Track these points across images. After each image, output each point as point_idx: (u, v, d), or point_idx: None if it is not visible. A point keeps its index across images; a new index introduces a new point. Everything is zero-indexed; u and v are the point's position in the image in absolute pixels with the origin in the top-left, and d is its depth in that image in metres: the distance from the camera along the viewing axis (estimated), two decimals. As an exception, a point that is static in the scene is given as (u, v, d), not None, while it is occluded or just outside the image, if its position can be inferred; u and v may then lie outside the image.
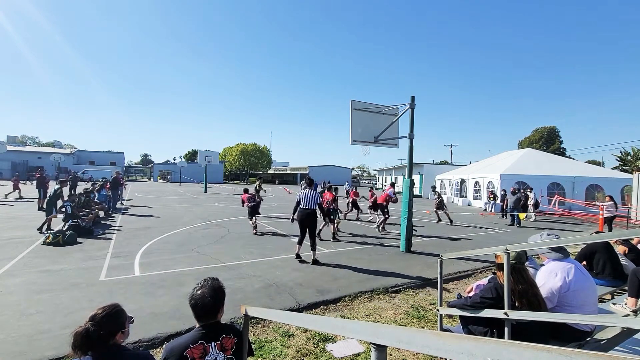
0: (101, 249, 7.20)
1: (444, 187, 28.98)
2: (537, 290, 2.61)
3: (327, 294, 4.99)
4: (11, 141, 57.05)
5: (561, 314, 2.57)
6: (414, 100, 7.87)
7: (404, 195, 8.05)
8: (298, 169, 73.76)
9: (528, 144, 53.17)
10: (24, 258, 6.33)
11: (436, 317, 4.08)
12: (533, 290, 2.57)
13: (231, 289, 4.90)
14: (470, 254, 3.28)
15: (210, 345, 1.76)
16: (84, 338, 1.55)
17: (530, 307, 2.46)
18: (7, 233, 8.57)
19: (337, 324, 1.27)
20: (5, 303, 4.24)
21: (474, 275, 6.39)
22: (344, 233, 10.20)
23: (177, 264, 6.28)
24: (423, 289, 5.51)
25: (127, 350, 1.70)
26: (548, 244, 2.60)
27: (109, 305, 1.72)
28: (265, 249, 7.70)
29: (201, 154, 30.58)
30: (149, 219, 11.91)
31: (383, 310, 4.59)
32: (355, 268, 6.42)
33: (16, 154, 48.54)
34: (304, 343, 3.57)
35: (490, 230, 12.19)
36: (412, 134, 7.92)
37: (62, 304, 4.29)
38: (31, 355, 3.13)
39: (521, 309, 2.45)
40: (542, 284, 2.78)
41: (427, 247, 8.55)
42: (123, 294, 4.63)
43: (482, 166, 25.52)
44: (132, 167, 79.20)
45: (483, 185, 22.03)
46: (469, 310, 2.82)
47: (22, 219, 11.00)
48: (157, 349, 3.39)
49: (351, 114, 8.34)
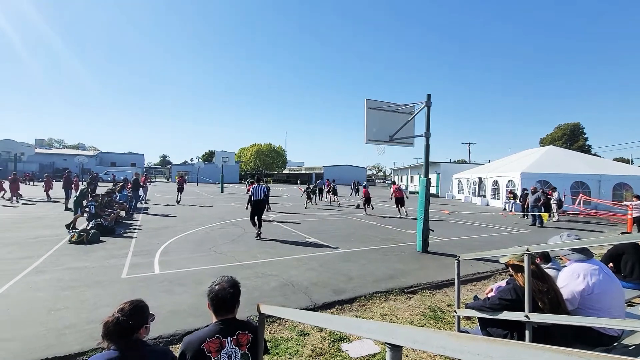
0: (123, 248, 7.45)
1: (461, 186, 28.39)
2: (558, 292, 2.53)
3: (342, 294, 4.98)
4: (39, 144, 59.76)
5: (585, 317, 2.47)
6: (430, 99, 7.76)
7: (420, 195, 7.94)
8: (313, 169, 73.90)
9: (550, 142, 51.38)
10: (51, 256, 6.62)
11: (454, 319, 4.01)
12: (554, 292, 2.48)
13: (247, 287, 4.97)
14: (489, 254, 3.21)
15: (226, 339, 1.80)
16: (114, 326, 1.64)
17: (551, 310, 2.38)
18: (36, 232, 8.99)
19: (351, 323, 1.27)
20: (34, 298, 4.45)
21: (493, 277, 6.23)
22: (357, 233, 10.16)
23: (195, 262, 6.42)
24: (440, 290, 5.41)
25: (148, 346, 1.76)
26: (572, 244, 2.51)
27: (135, 300, 1.80)
28: (280, 249, 7.77)
29: (218, 155, 31.10)
30: (168, 219, 12.23)
31: (399, 311, 4.54)
32: (370, 268, 6.38)
33: (44, 156, 50.86)
34: (320, 342, 3.58)
35: (511, 230, 11.86)
36: (428, 132, 7.80)
37: (87, 300, 4.46)
38: (59, 349, 3.27)
39: (542, 311, 2.37)
40: (564, 286, 2.69)
41: (444, 247, 8.40)
42: (144, 291, 4.77)
43: (502, 165, 24.85)
44: (152, 168, 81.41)
45: (502, 184, 21.46)
46: (487, 312, 2.75)
47: (49, 218, 11.51)
48: (176, 345, 3.47)
49: (366, 113, 8.30)
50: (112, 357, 1.59)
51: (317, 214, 14.84)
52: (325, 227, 11.23)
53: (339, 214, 15.06)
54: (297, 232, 9.96)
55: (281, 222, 12.11)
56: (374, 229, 11.07)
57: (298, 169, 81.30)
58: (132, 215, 12.73)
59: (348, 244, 8.45)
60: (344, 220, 13.00)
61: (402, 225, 12.13)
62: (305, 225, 11.40)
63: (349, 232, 10.20)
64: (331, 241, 8.71)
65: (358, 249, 7.95)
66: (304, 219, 13.04)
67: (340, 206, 19.04)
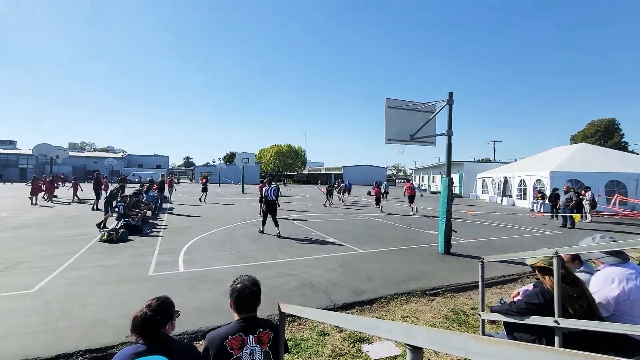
0: (149, 246, 7.74)
1: (485, 186, 27.49)
2: (591, 298, 2.40)
3: (362, 295, 4.95)
4: (72, 147, 63.23)
5: (622, 324, 2.33)
6: (451, 96, 7.57)
7: (442, 195, 7.75)
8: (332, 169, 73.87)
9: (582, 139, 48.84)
10: (83, 253, 6.97)
11: (478, 323, 3.89)
12: (586, 297, 2.36)
13: (268, 287, 5.03)
14: (515, 256, 3.10)
15: (248, 337, 1.83)
16: (143, 321, 1.70)
17: (582, 315, 2.26)
18: (70, 231, 9.51)
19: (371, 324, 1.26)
20: (69, 293, 4.71)
21: (520, 280, 6.00)
22: (377, 234, 10.05)
23: (217, 261, 6.57)
24: (464, 293, 5.27)
25: (174, 341, 1.81)
26: (606, 247, 2.37)
27: (161, 296, 1.86)
28: (300, 249, 7.81)
29: (238, 156, 31.68)
30: (191, 219, 12.59)
31: (421, 313, 4.46)
32: (391, 269, 6.31)
33: (76, 159, 53.87)
34: (340, 343, 3.57)
35: (539, 232, 11.36)
36: (450, 131, 7.61)
37: (116, 296, 4.67)
38: (92, 341, 3.45)
39: (573, 316, 2.26)
40: (597, 291, 2.55)
41: (468, 249, 8.17)
42: (169, 289, 4.93)
43: (529, 163, 23.86)
44: (176, 169, 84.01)
45: (530, 183, 20.60)
46: (513, 316, 2.65)
47: (81, 217, 12.14)
48: (199, 342, 3.56)
49: (385, 112, 8.21)
50: (140, 350, 1.65)
51: (336, 214, 14.82)
52: (345, 227, 11.19)
53: (358, 215, 14.98)
54: (316, 232, 9.98)
55: (301, 222, 12.18)
56: (394, 230, 10.92)
57: (317, 170, 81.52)
58: (157, 215, 13.20)
59: (368, 245, 8.38)
60: (364, 221, 12.91)
61: (423, 225, 11.90)
62: (325, 226, 11.41)
63: (369, 233, 10.13)
64: (351, 242, 8.67)
65: (378, 250, 7.87)
66: (324, 220, 13.05)
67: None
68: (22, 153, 53.53)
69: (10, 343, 3.37)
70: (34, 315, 3.98)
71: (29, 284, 5.03)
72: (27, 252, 6.91)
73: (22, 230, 9.35)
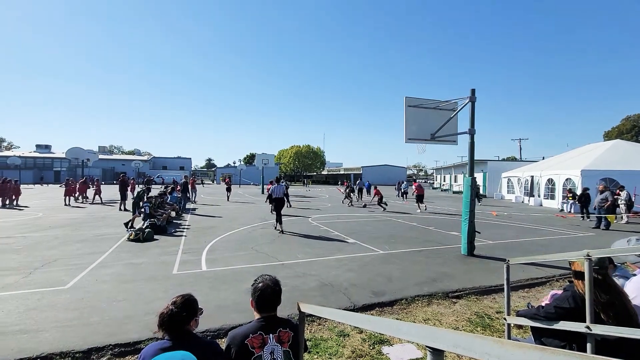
0: (173, 246, 7.99)
1: (511, 185, 26.51)
2: (628, 303, 2.26)
3: (382, 296, 4.90)
4: (102, 151, 66.39)
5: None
6: (474, 93, 7.36)
7: (465, 195, 7.55)
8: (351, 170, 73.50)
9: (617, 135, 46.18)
10: (112, 252, 7.29)
11: (503, 327, 3.77)
12: (622, 303, 2.22)
13: (288, 287, 5.07)
14: (543, 259, 2.97)
15: (268, 336, 1.85)
16: (169, 317, 1.76)
17: (618, 322, 2.13)
18: (100, 230, 9.97)
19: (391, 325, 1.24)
20: (99, 290, 4.94)
21: (549, 284, 5.75)
22: (398, 234, 9.91)
23: (238, 260, 6.70)
24: (488, 296, 5.11)
25: (198, 338, 1.85)
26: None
27: (185, 294, 1.92)
28: (320, 249, 7.83)
29: (258, 157, 32.06)
30: (213, 219, 12.89)
31: (443, 316, 4.36)
32: (411, 270, 6.21)
33: (105, 162, 56.50)
34: (360, 344, 3.56)
35: (569, 233, 10.84)
36: (472, 129, 7.40)
37: (143, 293, 4.86)
38: (120, 336, 3.60)
39: (606, 323, 2.14)
40: (634, 297, 2.40)
41: (492, 250, 7.91)
42: (192, 287, 5.08)
43: (559, 161, 22.79)
44: (198, 171, 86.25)
45: (559, 183, 19.68)
46: (540, 321, 2.54)
47: (110, 218, 12.70)
48: (221, 339, 3.65)
49: (405, 111, 8.10)
50: (166, 346, 1.70)
51: (356, 215, 14.74)
52: (365, 228, 11.11)
53: (378, 215, 14.83)
54: (336, 233, 9.97)
55: (320, 222, 12.20)
56: (415, 230, 10.74)
57: (337, 170, 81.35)
58: (181, 216, 13.60)
59: (388, 246, 8.28)
60: (384, 222, 12.77)
61: (444, 226, 11.63)
62: (344, 226, 11.37)
63: (389, 234, 10.00)
64: (371, 242, 8.60)
65: (399, 251, 7.76)
66: (343, 220, 13.02)
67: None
68: (56, 157, 56.83)
69: (47, 336, 3.57)
70: (68, 310, 4.20)
71: (64, 280, 5.32)
72: (61, 250, 7.31)
73: (56, 230, 9.90)
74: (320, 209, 17.46)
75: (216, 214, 14.69)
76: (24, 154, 56.67)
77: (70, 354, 3.29)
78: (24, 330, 3.67)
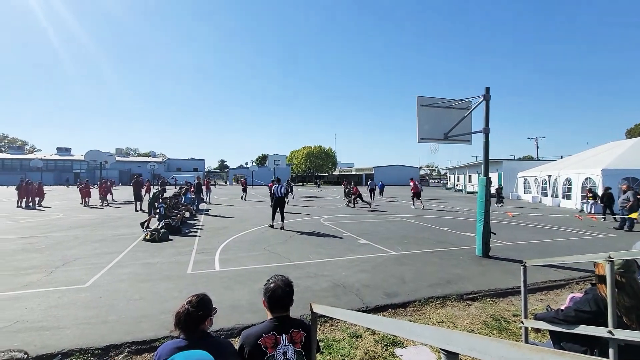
0: (188, 246, 8.12)
1: (527, 185, 25.86)
2: None
3: (395, 298, 4.85)
4: (119, 153, 68.18)
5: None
6: (488, 92, 7.22)
7: (480, 196, 7.40)
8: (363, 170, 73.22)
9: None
10: (129, 252, 7.46)
11: (520, 331, 3.68)
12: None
13: (300, 287, 5.08)
14: (562, 261, 2.88)
15: (281, 336, 1.86)
16: (185, 316, 1.79)
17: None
18: (117, 230, 10.23)
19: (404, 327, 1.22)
20: (117, 289, 5.07)
21: (568, 286, 5.58)
22: (411, 235, 9.80)
23: (251, 261, 6.75)
24: (504, 299, 4.99)
25: (212, 337, 1.88)
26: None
27: (200, 293, 1.95)
28: (332, 250, 7.81)
29: (270, 158, 32.21)
30: (226, 220, 13.04)
31: (457, 318, 4.29)
32: (425, 272, 6.13)
33: (122, 164, 58.08)
34: (372, 345, 3.53)
35: (590, 234, 10.49)
36: (487, 128, 7.25)
37: (159, 292, 4.95)
38: (137, 335, 3.68)
39: (630, 328, 2.05)
40: None
41: (508, 252, 7.73)
42: (206, 287, 5.14)
43: (577, 160, 22.10)
44: (211, 172, 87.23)
45: (577, 182, 19.07)
46: (559, 324, 2.46)
47: (127, 218, 13.02)
48: (235, 339, 3.68)
49: (418, 110, 8.00)
50: (181, 345, 1.72)
51: (367, 215, 14.66)
52: (377, 228, 11.04)
53: (390, 216, 14.71)
54: (348, 234, 9.93)
55: (332, 222, 12.18)
56: (428, 231, 10.60)
57: (348, 170, 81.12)
58: (195, 216, 13.81)
59: (401, 246, 8.20)
60: (396, 222, 12.65)
61: (459, 227, 11.44)
62: (356, 227, 11.32)
63: (401, 234, 9.90)
64: (383, 243, 8.53)
65: (412, 252, 7.67)
66: (355, 220, 12.96)
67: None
68: (75, 159, 58.75)
69: (68, 333, 3.68)
70: (88, 309, 4.33)
71: (83, 279, 5.48)
72: (81, 250, 7.53)
73: (76, 230, 10.21)
74: (332, 209, 17.44)
75: (229, 214, 14.86)
76: (46, 156, 58.81)
77: (89, 350, 3.38)
78: (46, 327, 3.80)
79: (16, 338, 3.53)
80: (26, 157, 57.69)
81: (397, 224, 12.12)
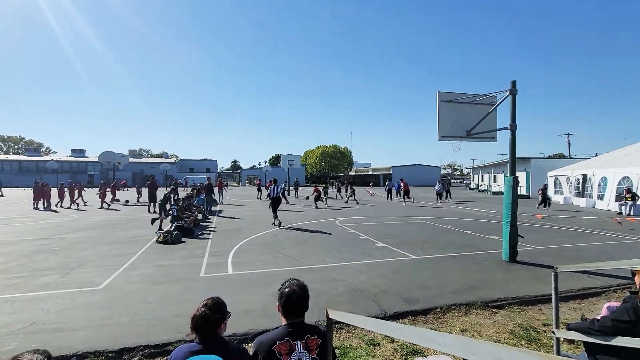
0: (200, 248, 8.14)
1: (559, 185, 24.57)
2: None
3: (415, 304, 4.63)
4: (131, 154, 68.88)
5: None
6: (515, 86, 6.88)
7: (506, 197, 7.02)
8: (380, 170, 71.78)
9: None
10: (142, 254, 7.54)
11: (551, 341, 3.42)
12: None
13: (315, 291, 4.92)
14: (596, 267, 2.64)
15: (296, 343, 1.81)
16: (202, 320, 1.73)
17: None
18: (130, 232, 10.43)
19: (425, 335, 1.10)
20: (130, 291, 5.09)
21: (604, 294, 5.17)
22: (431, 239, 9.47)
23: (264, 264, 6.66)
24: (533, 307, 4.67)
25: (226, 342, 1.82)
26: None
27: (215, 297, 1.90)
28: (348, 253, 7.63)
29: (284, 158, 32.04)
30: (239, 221, 13.10)
31: (482, 327, 4.02)
32: (447, 277, 5.85)
33: (135, 165, 58.83)
34: (391, 354, 3.35)
35: (629, 238, 9.78)
36: (514, 124, 6.90)
37: (171, 295, 4.93)
38: (150, 337, 3.65)
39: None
40: None
41: (538, 257, 7.31)
42: (219, 290, 5.05)
43: (614, 158, 20.85)
44: (224, 173, 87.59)
45: (614, 181, 17.96)
46: (595, 335, 2.24)
47: (141, 220, 13.25)
48: (248, 344, 3.57)
49: (438, 106, 7.71)
50: (195, 349, 1.68)
51: (386, 217, 14.37)
52: (395, 231, 10.76)
53: (409, 218, 14.35)
54: (365, 237, 9.71)
55: (347, 225, 11.98)
56: (450, 234, 10.23)
57: (365, 170, 79.71)
58: (207, 218, 13.87)
59: (421, 250, 7.91)
60: (416, 225, 12.32)
61: (483, 230, 10.99)
62: (373, 229, 11.08)
63: (422, 238, 9.60)
64: (402, 247, 8.27)
65: (432, 256, 7.39)
66: (372, 223, 12.72)
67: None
68: (89, 160, 60.53)
69: (82, 335, 3.69)
70: (101, 310, 4.34)
71: (96, 281, 5.53)
72: (95, 252, 7.65)
73: (90, 232, 10.45)
74: (348, 211, 17.23)
75: (242, 216, 14.94)
76: (60, 158, 60.63)
77: (103, 353, 3.36)
78: (61, 329, 3.82)
79: (33, 339, 3.56)
80: (42, 159, 59.12)
81: (416, 227, 11.80)
